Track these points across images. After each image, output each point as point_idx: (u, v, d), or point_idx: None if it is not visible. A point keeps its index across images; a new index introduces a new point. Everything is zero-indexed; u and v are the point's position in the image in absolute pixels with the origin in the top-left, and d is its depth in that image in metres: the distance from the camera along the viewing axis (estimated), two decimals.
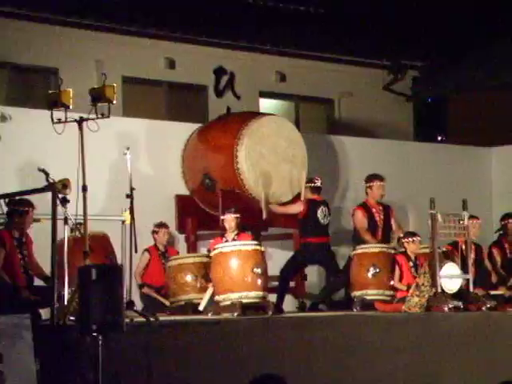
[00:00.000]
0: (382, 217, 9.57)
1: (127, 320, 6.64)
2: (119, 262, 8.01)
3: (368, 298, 8.99)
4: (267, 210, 9.71)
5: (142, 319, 7.15)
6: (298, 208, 9.66)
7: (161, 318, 7.50)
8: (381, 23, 16.43)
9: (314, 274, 10.74)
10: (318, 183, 9.71)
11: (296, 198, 9.87)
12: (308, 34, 15.76)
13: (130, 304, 7.62)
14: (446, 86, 16.28)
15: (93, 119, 7.31)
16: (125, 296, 6.67)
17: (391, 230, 9.68)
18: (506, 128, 15.14)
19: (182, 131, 10.53)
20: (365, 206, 9.58)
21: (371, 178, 9.65)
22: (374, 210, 9.57)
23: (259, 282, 8.24)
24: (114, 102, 7.36)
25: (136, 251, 8.14)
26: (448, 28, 17.44)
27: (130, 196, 8.18)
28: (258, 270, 8.22)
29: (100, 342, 5.80)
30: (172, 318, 8.32)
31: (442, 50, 16.83)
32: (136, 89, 13.80)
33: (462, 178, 12.53)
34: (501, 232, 10.21)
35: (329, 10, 16.43)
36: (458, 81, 16.10)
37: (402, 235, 9.24)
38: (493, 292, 9.42)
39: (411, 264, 8.92)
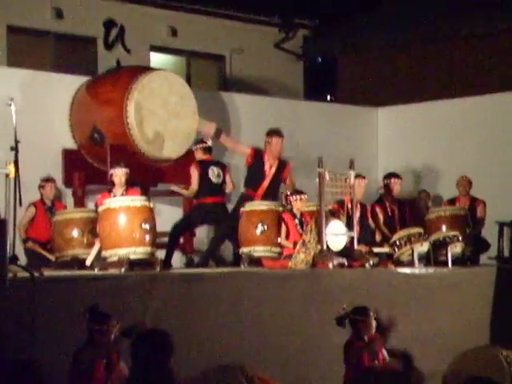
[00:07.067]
0: (273, 170, 9.67)
1: (10, 275, 6.52)
2: (3, 215, 7.82)
3: (255, 254, 9.07)
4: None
5: (26, 274, 7.02)
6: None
7: (45, 273, 7.39)
8: None
9: (202, 231, 10.77)
10: (209, 143, 9.72)
11: None
12: None
13: (14, 258, 7.46)
14: (335, 46, 16.45)
15: None
16: (8, 250, 6.53)
17: (280, 184, 9.78)
18: (391, 89, 15.45)
19: (69, 84, 10.30)
20: (258, 151, 9.70)
21: (272, 132, 9.74)
22: (265, 158, 9.67)
23: (147, 238, 8.20)
24: None
25: (20, 205, 7.96)
26: None
27: (14, 149, 7.99)
28: (146, 226, 8.16)
29: None
30: (57, 273, 8.20)
31: (332, 10, 17.00)
32: (22, 39, 13.40)
33: (349, 138, 12.73)
34: (381, 191, 10.46)
35: None
36: (346, 41, 16.29)
37: (289, 193, 9.34)
38: (376, 249, 9.66)
39: (297, 222, 9.03)
